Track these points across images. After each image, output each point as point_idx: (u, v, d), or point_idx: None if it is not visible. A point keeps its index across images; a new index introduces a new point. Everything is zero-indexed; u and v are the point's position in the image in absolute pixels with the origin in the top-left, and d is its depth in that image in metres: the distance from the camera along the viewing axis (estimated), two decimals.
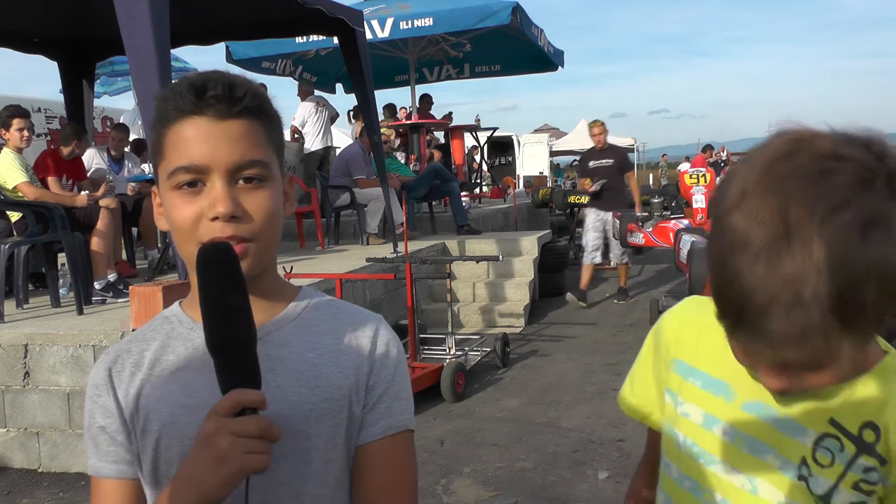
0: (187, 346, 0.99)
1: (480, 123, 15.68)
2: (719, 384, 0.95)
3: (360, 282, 5.89)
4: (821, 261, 0.67)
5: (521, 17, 9.09)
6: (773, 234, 0.69)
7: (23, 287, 4.91)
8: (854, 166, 0.70)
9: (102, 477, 1.00)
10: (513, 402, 4.94)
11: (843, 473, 0.84)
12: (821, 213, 0.68)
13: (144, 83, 4.05)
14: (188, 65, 11.15)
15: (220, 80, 0.92)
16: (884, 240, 0.68)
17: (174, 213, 0.93)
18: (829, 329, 0.68)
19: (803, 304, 0.68)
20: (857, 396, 0.85)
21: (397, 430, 1.00)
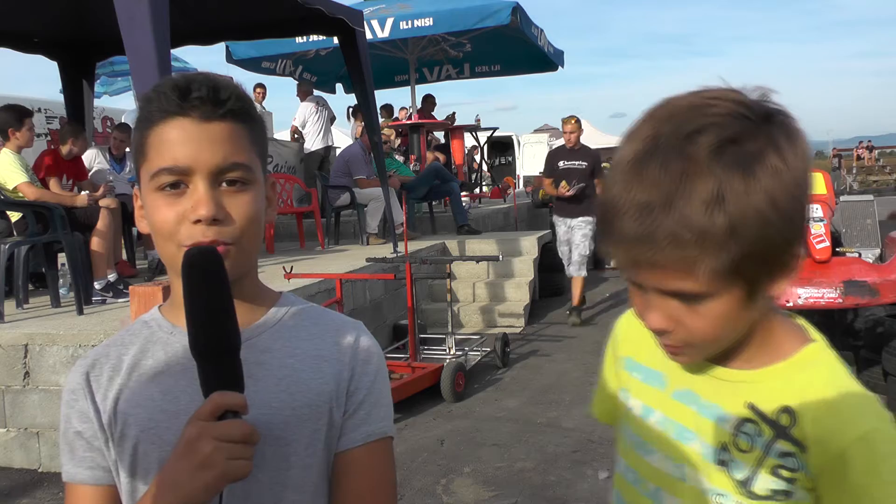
0: (167, 350, 0.98)
1: (480, 123, 15.69)
2: (655, 375, 0.98)
3: (360, 282, 5.89)
4: (677, 173, 0.74)
5: (521, 17, 9.09)
6: (643, 149, 0.78)
7: (23, 287, 4.91)
8: (729, 104, 0.78)
9: (78, 483, 0.98)
10: (513, 402, 4.94)
11: (761, 458, 0.84)
12: (686, 132, 0.76)
13: (144, 83, 4.04)
14: (188, 65, 11.15)
15: (204, 82, 0.92)
16: (737, 162, 0.75)
17: (156, 214, 0.92)
18: (680, 236, 0.74)
19: (654, 208, 0.75)
20: (774, 381, 0.86)
21: (377, 437, 1.00)
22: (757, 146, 0.76)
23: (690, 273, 0.77)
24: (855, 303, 4.10)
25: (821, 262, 4.31)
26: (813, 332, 0.90)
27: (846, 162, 29.67)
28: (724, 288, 0.79)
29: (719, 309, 0.80)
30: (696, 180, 0.75)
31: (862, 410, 0.82)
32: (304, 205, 8.56)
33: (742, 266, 0.77)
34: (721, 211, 0.74)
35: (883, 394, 4.62)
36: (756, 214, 0.75)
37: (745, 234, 0.75)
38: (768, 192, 0.76)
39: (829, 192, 4.83)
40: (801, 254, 0.82)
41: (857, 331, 5.34)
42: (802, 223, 0.81)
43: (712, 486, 0.88)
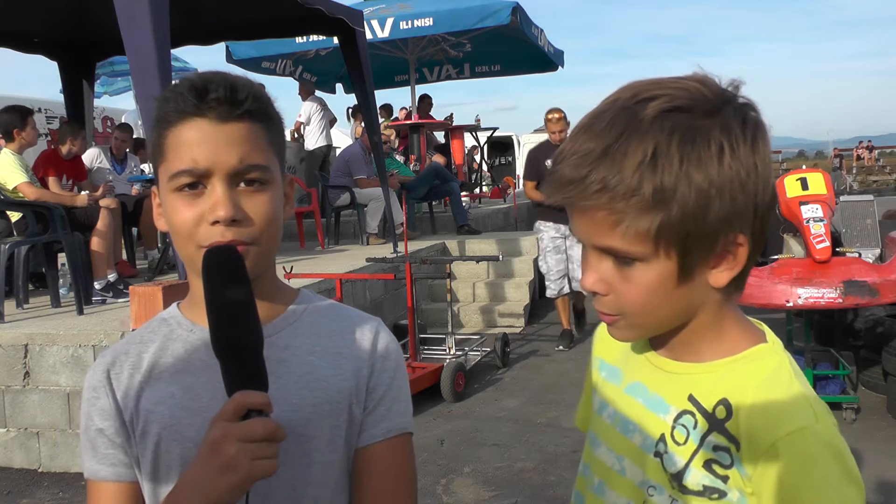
0: (186, 347, 0.99)
1: (480, 123, 15.68)
2: (615, 371, 0.98)
3: (360, 282, 5.89)
4: (620, 129, 0.77)
5: (520, 17, 9.10)
6: (598, 109, 0.81)
7: (23, 287, 4.91)
8: (693, 83, 0.79)
9: (100, 480, 0.99)
10: (513, 402, 4.94)
11: (695, 451, 0.83)
12: (641, 98, 0.78)
13: (144, 83, 4.05)
14: (188, 65, 11.16)
15: (221, 82, 0.91)
16: (680, 129, 0.76)
17: (174, 215, 0.93)
18: (609, 187, 0.76)
19: (592, 156, 0.77)
20: (717, 374, 0.84)
21: (397, 433, 1.01)
22: (707, 122, 0.77)
23: (616, 228, 0.78)
24: (855, 303, 4.10)
25: (821, 262, 4.31)
26: (770, 335, 0.88)
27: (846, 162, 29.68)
28: (653, 255, 0.78)
29: (649, 277, 0.80)
30: (634, 138, 0.76)
31: (796, 408, 0.80)
32: (304, 205, 8.56)
33: (669, 235, 0.77)
34: (652, 173, 0.75)
35: (883, 394, 4.62)
36: (688, 186, 0.75)
37: (674, 202, 0.75)
38: (706, 169, 0.76)
39: (829, 192, 4.83)
40: (748, 245, 0.81)
41: (857, 331, 5.34)
42: (748, 214, 0.79)
43: (647, 478, 0.87)
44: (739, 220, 0.79)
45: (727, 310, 0.87)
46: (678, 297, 0.82)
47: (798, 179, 4.90)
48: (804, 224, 4.51)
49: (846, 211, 6.80)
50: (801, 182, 4.84)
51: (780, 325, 5.89)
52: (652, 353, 0.92)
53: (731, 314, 0.88)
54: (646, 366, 0.92)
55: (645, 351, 0.93)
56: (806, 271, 4.28)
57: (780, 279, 4.22)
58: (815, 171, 5.32)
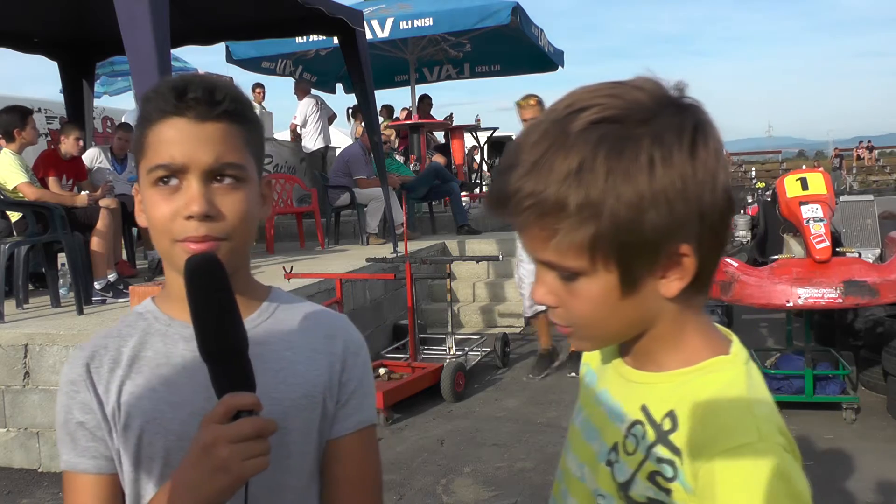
0: (166, 342, 1.02)
1: (480, 123, 15.68)
2: (593, 378, 0.97)
3: (360, 282, 5.89)
4: (549, 142, 0.76)
5: (521, 17, 9.09)
6: (533, 122, 0.80)
7: (23, 287, 4.91)
8: (630, 90, 0.77)
9: (80, 472, 1.00)
10: (513, 402, 4.94)
11: (641, 461, 0.81)
12: (574, 108, 0.76)
13: (144, 83, 4.05)
14: (188, 65, 11.16)
15: (200, 84, 0.95)
16: (607, 141, 0.74)
17: (152, 209, 0.96)
18: (538, 202, 0.76)
19: (522, 172, 0.77)
20: (670, 385, 0.82)
21: (365, 425, 1.07)
22: (638, 132, 0.74)
23: (550, 243, 0.77)
24: (855, 303, 4.09)
25: (821, 262, 4.31)
26: (734, 345, 0.85)
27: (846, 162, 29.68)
28: (592, 268, 0.77)
29: (593, 290, 0.79)
30: (560, 152, 0.75)
31: (740, 423, 0.76)
32: (304, 205, 8.56)
33: (604, 247, 0.75)
34: (577, 186, 0.73)
35: (883, 394, 4.62)
36: (616, 198, 0.73)
37: (604, 214, 0.74)
38: (635, 181, 0.73)
39: (829, 192, 4.83)
40: (695, 255, 0.78)
41: (857, 331, 5.34)
42: (691, 223, 0.76)
43: (598, 486, 0.87)
44: (681, 229, 0.76)
45: (689, 317, 0.84)
46: (626, 308, 0.80)
47: (798, 179, 4.90)
48: (804, 224, 4.51)
49: (846, 211, 6.80)
50: (801, 182, 4.84)
51: (780, 325, 5.89)
52: (619, 360, 0.91)
53: (693, 322, 0.84)
54: (613, 374, 0.91)
55: (615, 359, 0.92)
56: (806, 271, 4.28)
57: (780, 279, 4.22)
58: (815, 171, 5.32)
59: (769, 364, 4.70)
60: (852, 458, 3.80)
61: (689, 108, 0.78)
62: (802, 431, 4.14)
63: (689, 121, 0.76)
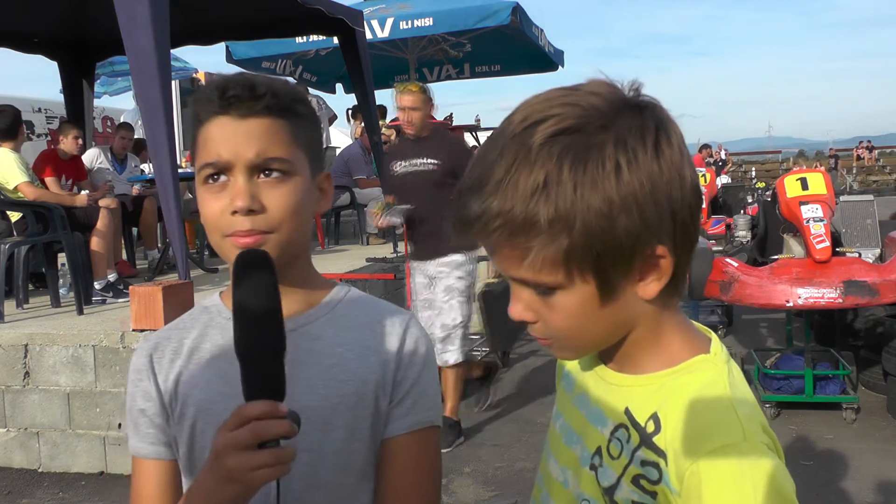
0: (224, 335, 1.03)
1: (480, 123, 15.68)
2: (571, 381, 0.97)
3: (360, 282, 5.88)
4: (511, 159, 0.74)
5: (521, 17, 9.09)
6: (492, 136, 0.79)
7: (23, 287, 4.91)
8: (586, 95, 0.76)
9: (142, 457, 1.05)
10: (513, 402, 4.94)
11: (626, 465, 0.80)
12: (531, 121, 0.75)
13: (144, 83, 4.05)
14: (188, 65, 11.16)
15: (241, 81, 0.98)
16: (569, 152, 0.73)
17: (204, 206, 0.99)
18: (508, 222, 0.74)
19: (487, 192, 0.75)
20: (652, 387, 0.82)
21: (422, 426, 1.05)
22: (600, 139, 0.73)
23: (524, 260, 0.75)
24: (855, 303, 4.10)
25: (821, 262, 4.31)
26: (714, 345, 0.84)
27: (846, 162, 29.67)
28: (569, 281, 0.76)
29: (571, 303, 0.78)
30: (524, 168, 0.73)
31: (723, 423, 0.76)
32: None
33: (579, 259, 0.74)
34: (546, 201, 0.72)
35: (883, 394, 4.62)
36: (587, 208, 0.72)
37: (576, 226, 0.73)
38: (603, 188, 0.72)
39: (829, 192, 4.84)
40: (671, 255, 0.77)
41: (857, 331, 5.34)
42: (665, 223, 0.75)
43: (582, 491, 0.86)
44: (654, 231, 0.75)
45: (666, 318, 0.83)
46: (606, 316, 0.79)
47: (798, 179, 4.90)
48: (804, 224, 4.51)
49: (846, 211, 6.80)
50: (801, 182, 4.85)
51: (780, 325, 5.89)
52: (599, 364, 0.90)
53: (671, 322, 0.84)
54: (593, 377, 0.90)
55: (595, 363, 0.91)
56: (806, 271, 4.28)
57: (780, 279, 4.22)
58: (815, 171, 5.32)
59: (769, 364, 4.71)
60: (852, 458, 3.80)
61: (647, 108, 0.77)
62: (802, 431, 4.14)
63: (650, 121, 0.76)
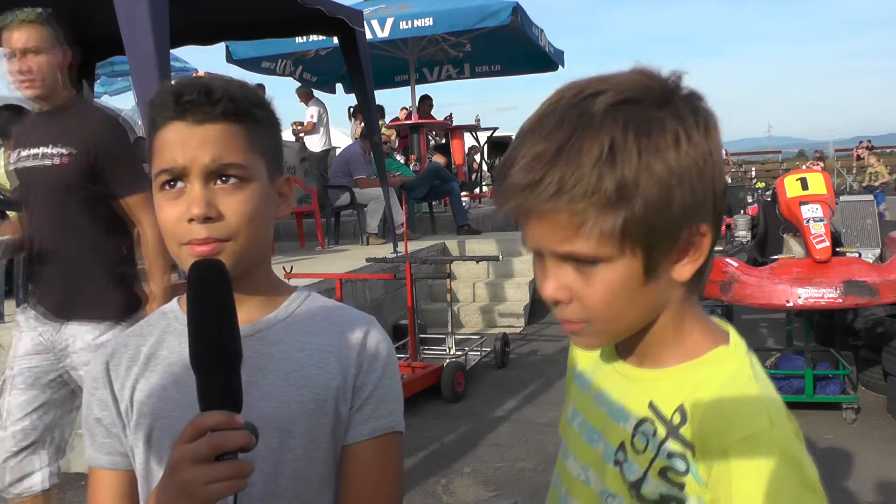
0: (181, 342, 1.00)
1: (480, 123, 15.68)
2: (586, 379, 0.96)
3: (360, 282, 5.89)
4: (572, 127, 0.74)
5: (521, 17, 9.09)
6: (543, 110, 0.78)
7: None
8: (636, 76, 0.78)
9: (98, 468, 1.03)
10: (513, 402, 4.94)
11: (652, 458, 0.80)
12: (587, 94, 0.76)
13: (144, 83, 4.05)
14: (188, 65, 11.15)
15: (197, 86, 0.95)
16: (633, 122, 0.74)
17: (160, 213, 0.97)
18: (568, 188, 0.73)
19: (546, 158, 0.74)
20: (676, 380, 0.82)
21: (383, 432, 1.03)
22: (660, 113, 0.75)
23: (579, 231, 0.75)
24: (855, 303, 4.10)
25: (821, 262, 4.31)
26: (733, 335, 0.85)
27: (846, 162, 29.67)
28: (618, 254, 0.76)
29: (614, 278, 0.77)
30: (588, 134, 0.74)
31: (750, 413, 0.77)
32: (304, 205, 8.56)
33: (634, 231, 0.75)
34: (611, 169, 0.73)
35: (883, 394, 4.62)
36: (649, 178, 0.74)
37: (637, 196, 0.73)
38: (665, 158, 0.74)
39: (829, 192, 4.84)
40: (710, 235, 0.79)
41: (857, 331, 5.34)
42: (709, 203, 0.78)
43: (607, 487, 0.86)
44: (701, 209, 0.78)
45: (688, 309, 0.85)
46: (644, 296, 0.80)
47: (798, 179, 4.90)
48: (804, 224, 4.51)
49: (846, 211, 6.80)
50: (801, 182, 4.85)
51: (780, 325, 5.89)
52: (617, 360, 0.90)
53: (691, 314, 0.85)
54: (611, 373, 0.90)
55: (613, 359, 0.91)
56: (806, 271, 4.28)
57: (780, 279, 4.22)
58: (815, 171, 5.33)
59: (769, 364, 4.70)
60: (852, 458, 3.80)
61: (693, 95, 0.80)
62: (802, 431, 4.13)
63: (697, 104, 0.79)
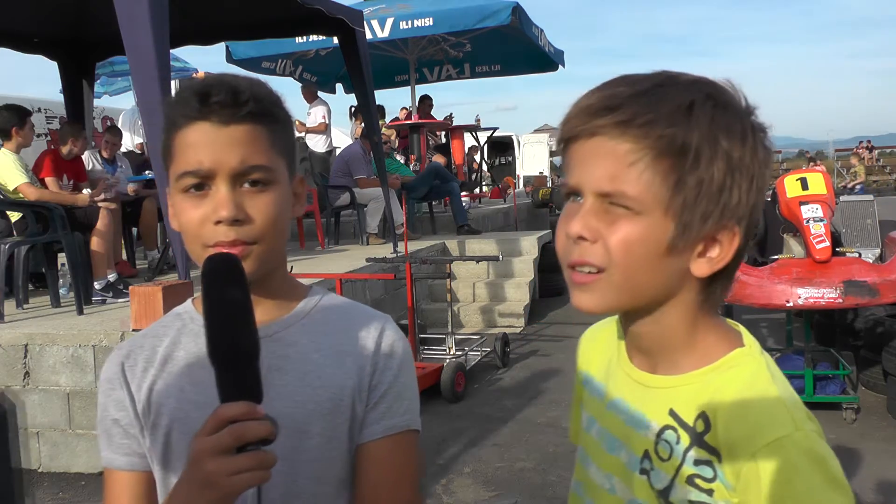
0: (198, 342, 1.01)
1: (480, 123, 15.68)
2: (598, 386, 0.96)
3: (360, 282, 5.89)
4: (654, 81, 0.79)
5: (521, 17, 9.09)
6: (610, 82, 0.81)
7: (23, 287, 4.91)
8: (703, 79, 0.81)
9: (116, 469, 1.02)
10: (513, 402, 4.94)
11: (678, 466, 0.81)
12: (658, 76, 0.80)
13: (144, 83, 4.05)
14: (188, 65, 11.14)
15: (223, 86, 0.94)
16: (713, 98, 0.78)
17: (182, 215, 0.96)
18: (641, 118, 0.76)
19: (624, 95, 0.77)
20: (695, 386, 0.82)
21: (398, 430, 1.01)
22: (733, 104, 0.79)
23: (630, 168, 0.77)
24: (855, 303, 4.10)
25: (821, 262, 4.31)
26: (747, 337, 0.86)
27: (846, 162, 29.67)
28: (654, 209, 0.77)
29: (641, 231, 0.78)
30: (672, 88, 0.78)
31: (774, 417, 0.78)
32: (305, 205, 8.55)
33: (677, 191, 0.77)
34: (685, 121, 0.76)
35: (883, 394, 4.62)
36: (710, 148, 0.76)
37: (692, 157, 0.76)
38: (729, 138, 0.77)
39: (829, 192, 4.83)
40: (738, 241, 0.80)
41: (857, 331, 5.34)
42: (747, 209, 0.80)
43: (634, 496, 0.86)
44: (738, 209, 0.79)
45: (703, 317, 0.85)
46: (660, 267, 0.80)
47: (798, 179, 4.90)
48: (804, 224, 4.51)
49: (846, 211, 6.80)
50: (801, 182, 4.84)
51: (780, 325, 5.89)
52: (630, 367, 0.90)
53: (707, 322, 0.85)
54: (625, 381, 0.90)
55: (625, 365, 0.91)
56: (806, 271, 4.28)
57: (780, 279, 4.22)
58: (815, 171, 5.32)
59: None
60: (852, 458, 3.80)
61: (762, 126, 0.82)
62: None
63: (763, 135, 0.81)
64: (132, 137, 8.98)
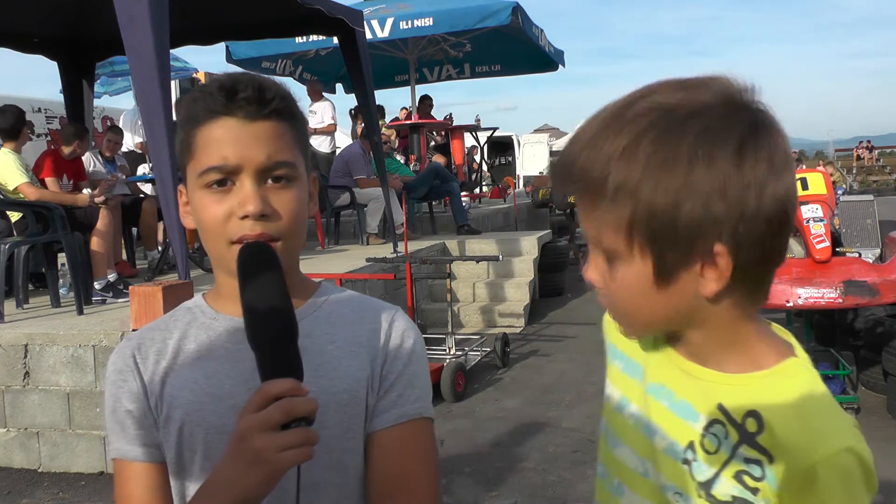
0: (209, 334, 1.01)
1: (480, 123, 15.68)
2: (634, 365, 0.96)
3: (360, 282, 5.89)
4: (604, 122, 0.80)
5: (521, 17, 9.09)
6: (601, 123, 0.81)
7: (23, 287, 4.91)
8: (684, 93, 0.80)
9: (131, 460, 1.00)
10: (513, 402, 4.94)
11: (726, 461, 0.82)
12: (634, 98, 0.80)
13: (144, 83, 4.05)
14: (188, 65, 11.16)
15: (250, 82, 0.95)
16: (659, 127, 0.76)
17: (204, 211, 0.95)
18: (586, 172, 0.79)
19: (582, 145, 0.80)
20: (747, 386, 0.83)
21: (409, 419, 1.01)
22: (688, 125, 0.76)
23: (592, 214, 0.81)
24: (855, 303, 4.10)
25: (821, 262, 4.31)
26: (799, 349, 0.87)
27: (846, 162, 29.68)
28: (630, 252, 0.80)
29: (629, 276, 0.81)
30: (612, 131, 0.78)
31: (837, 428, 0.80)
32: None
33: (640, 232, 0.78)
34: (618, 167, 0.76)
35: (883, 394, 4.62)
36: (653, 186, 0.75)
37: (640, 199, 0.76)
38: (671, 171, 0.75)
39: (829, 192, 4.83)
40: (730, 257, 0.77)
41: (857, 331, 5.34)
42: (732, 222, 0.76)
43: (672, 484, 0.86)
44: (715, 227, 0.76)
45: (744, 325, 0.85)
46: (662, 301, 0.81)
47: (798, 179, 4.90)
48: (804, 224, 4.51)
49: (846, 211, 6.80)
50: (800, 182, 4.85)
51: (780, 326, 5.88)
52: (673, 352, 0.90)
53: (751, 327, 0.85)
54: (669, 367, 0.90)
55: (667, 352, 0.91)
56: (806, 271, 4.28)
57: (780, 279, 4.22)
58: (815, 170, 5.32)
59: None
60: None
61: (746, 110, 0.78)
62: None
63: (741, 125, 0.77)
64: (133, 137, 8.99)
